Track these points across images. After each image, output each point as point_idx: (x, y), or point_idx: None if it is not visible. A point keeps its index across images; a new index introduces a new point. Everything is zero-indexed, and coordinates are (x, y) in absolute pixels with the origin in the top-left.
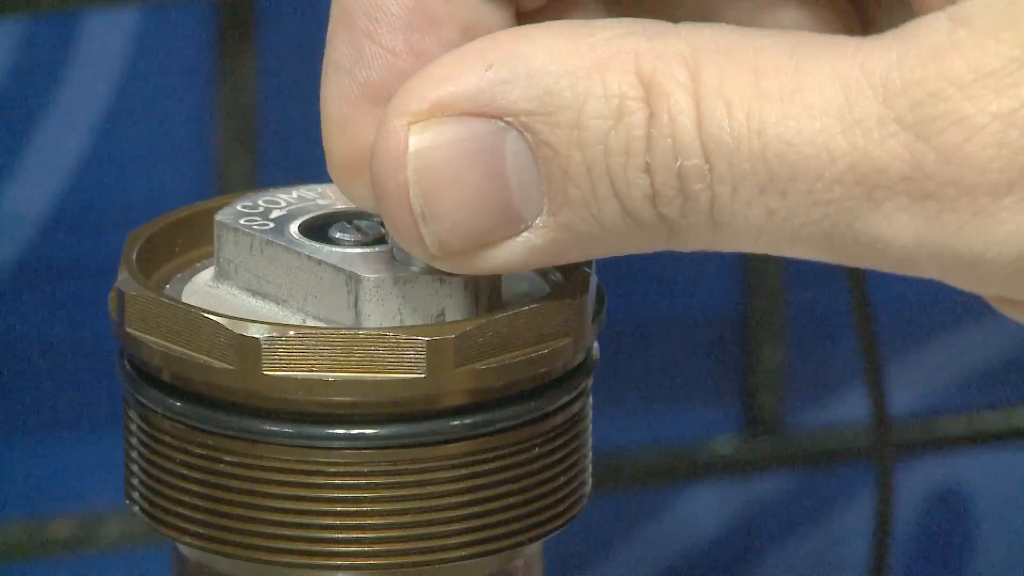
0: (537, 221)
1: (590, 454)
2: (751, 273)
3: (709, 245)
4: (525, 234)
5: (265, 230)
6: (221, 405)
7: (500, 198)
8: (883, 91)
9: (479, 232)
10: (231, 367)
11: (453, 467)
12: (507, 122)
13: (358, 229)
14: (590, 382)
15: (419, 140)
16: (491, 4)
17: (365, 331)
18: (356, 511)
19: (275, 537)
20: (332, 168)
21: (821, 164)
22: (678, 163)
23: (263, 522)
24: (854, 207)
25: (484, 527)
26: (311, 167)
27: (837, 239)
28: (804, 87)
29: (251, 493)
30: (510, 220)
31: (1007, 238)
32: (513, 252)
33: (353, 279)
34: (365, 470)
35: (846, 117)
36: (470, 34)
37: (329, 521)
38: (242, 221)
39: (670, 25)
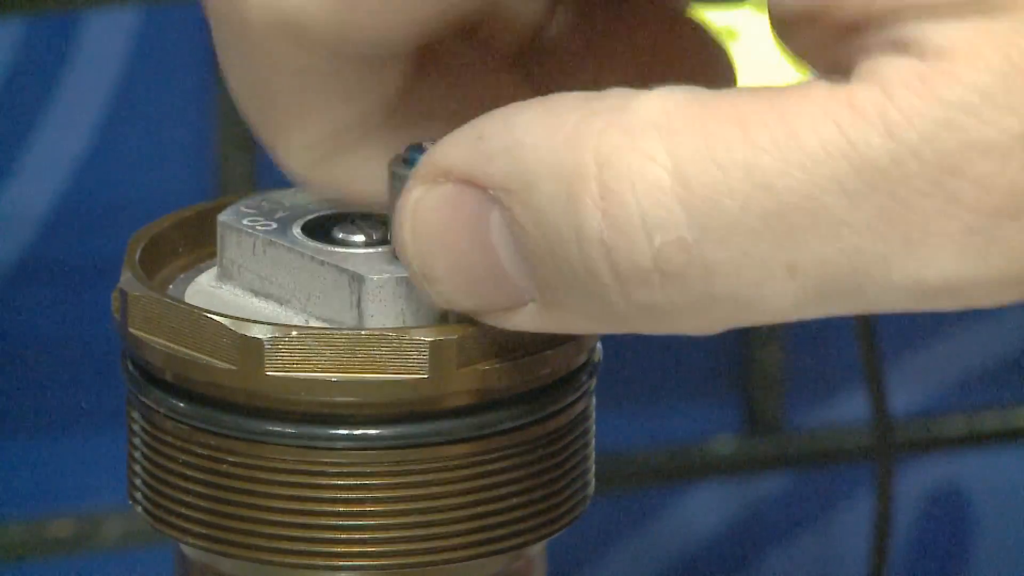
0: (535, 295)
1: (593, 455)
2: None
3: (702, 327)
4: (530, 305)
5: (268, 230)
6: (224, 406)
7: (493, 269)
8: (883, 126)
9: (481, 301)
10: (234, 367)
11: (456, 468)
12: (492, 194)
13: (361, 229)
14: (593, 383)
15: (416, 202)
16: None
17: (367, 332)
18: (359, 511)
19: (278, 537)
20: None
21: (843, 210)
22: (656, 240)
23: (266, 522)
24: (888, 252)
25: (487, 528)
26: None
27: (870, 288)
28: (798, 132)
29: (254, 493)
30: (510, 292)
31: None
32: (526, 321)
33: (356, 279)
34: (368, 471)
35: (854, 157)
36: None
37: (332, 521)
38: (245, 221)
39: (642, 92)
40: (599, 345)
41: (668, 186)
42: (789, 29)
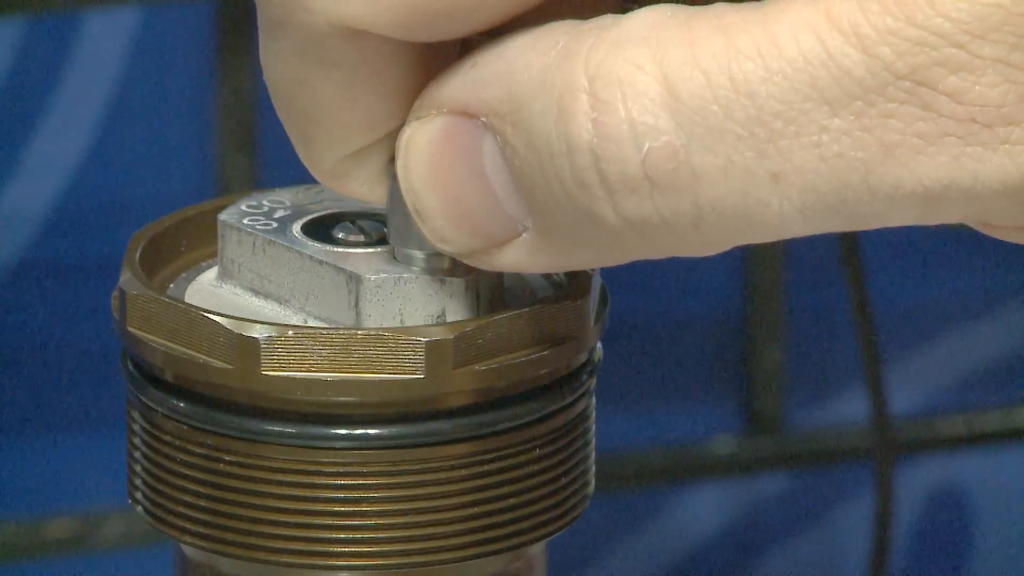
0: (528, 224)
1: (593, 455)
2: (751, 273)
3: (695, 244)
4: (524, 236)
5: (268, 230)
6: (221, 405)
7: (486, 200)
8: (858, 39)
9: (474, 235)
10: (231, 367)
11: (454, 468)
12: (484, 122)
13: (361, 229)
14: (593, 383)
15: (408, 138)
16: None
17: (363, 331)
18: (356, 511)
19: (276, 537)
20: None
21: (822, 116)
22: (644, 147)
23: (264, 522)
24: (866, 157)
25: (486, 528)
26: None
27: (851, 198)
28: (779, 40)
29: (251, 493)
30: (503, 223)
31: None
32: (519, 254)
33: (354, 279)
34: (365, 470)
35: (832, 67)
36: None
37: (329, 521)
38: (245, 221)
39: (630, 12)
40: (599, 345)
41: (656, 93)
42: None
